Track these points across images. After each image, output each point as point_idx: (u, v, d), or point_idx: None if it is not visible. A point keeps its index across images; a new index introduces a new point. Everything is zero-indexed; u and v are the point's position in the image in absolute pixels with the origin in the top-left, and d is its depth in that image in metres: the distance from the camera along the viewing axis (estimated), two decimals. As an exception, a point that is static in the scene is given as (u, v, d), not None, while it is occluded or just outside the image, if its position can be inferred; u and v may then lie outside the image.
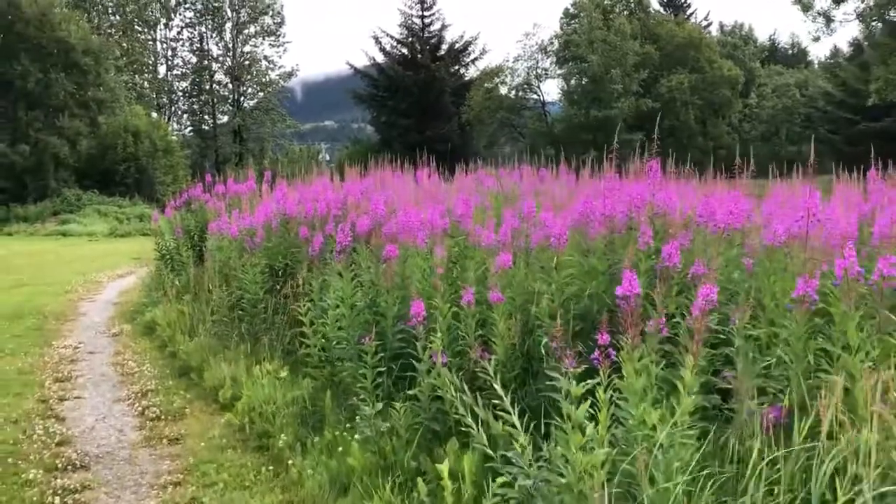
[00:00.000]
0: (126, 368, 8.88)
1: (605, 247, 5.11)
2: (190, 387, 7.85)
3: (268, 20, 68.18)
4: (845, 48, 60.06)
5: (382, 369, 5.36)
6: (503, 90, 50.81)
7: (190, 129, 69.02)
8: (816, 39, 29.22)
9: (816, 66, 73.40)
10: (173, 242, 13.08)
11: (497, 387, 4.62)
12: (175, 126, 67.00)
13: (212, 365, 7.66)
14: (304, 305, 6.55)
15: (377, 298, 6.10)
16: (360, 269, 6.67)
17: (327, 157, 69.14)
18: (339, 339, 6.04)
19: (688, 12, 62.04)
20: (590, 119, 44.65)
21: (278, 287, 8.29)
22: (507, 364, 5.01)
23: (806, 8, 28.08)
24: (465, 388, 4.77)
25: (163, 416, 6.91)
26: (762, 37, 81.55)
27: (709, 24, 64.65)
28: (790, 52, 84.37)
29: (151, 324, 10.64)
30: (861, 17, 26.82)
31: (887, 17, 25.16)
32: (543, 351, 4.73)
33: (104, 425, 6.83)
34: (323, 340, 6.45)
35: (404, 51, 52.66)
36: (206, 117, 68.09)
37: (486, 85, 50.03)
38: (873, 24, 26.46)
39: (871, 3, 25.54)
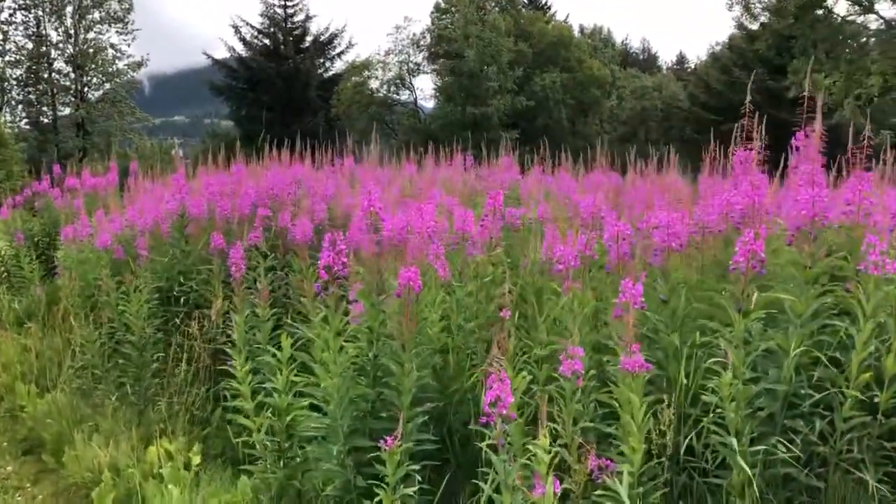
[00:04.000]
0: (-59, 438, 6.15)
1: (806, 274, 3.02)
2: (41, 476, 5.21)
3: (114, 5, 62.37)
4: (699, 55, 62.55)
5: (413, 490, 3.06)
6: (374, 84, 48.66)
7: (25, 120, 62.61)
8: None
9: (665, 70, 76.18)
10: (11, 251, 10.13)
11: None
12: (8, 117, 60.53)
13: (77, 443, 5.06)
14: (239, 363, 4.09)
15: (379, 358, 3.69)
16: (301, 305, 4.19)
17: (181, 153, 64.36)
18: (314, 429, 3.58)
19: (548, 13, 61.58)
20: (466, 116, 43.20)
21: (178, 322, 5.75)
22: (642, 477, 2.88)
23: None
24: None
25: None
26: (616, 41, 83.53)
27: (569, 27, 64.50)
28: (641, 57, 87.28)
29: (-19, 364, 7.78)
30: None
31: None
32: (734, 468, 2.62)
33: None
34: (270, 418, 4.01)
35: (266, 41, 49.36)
36: (45, 109, 61.80)
37: (354, 79, 47.69)
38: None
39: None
